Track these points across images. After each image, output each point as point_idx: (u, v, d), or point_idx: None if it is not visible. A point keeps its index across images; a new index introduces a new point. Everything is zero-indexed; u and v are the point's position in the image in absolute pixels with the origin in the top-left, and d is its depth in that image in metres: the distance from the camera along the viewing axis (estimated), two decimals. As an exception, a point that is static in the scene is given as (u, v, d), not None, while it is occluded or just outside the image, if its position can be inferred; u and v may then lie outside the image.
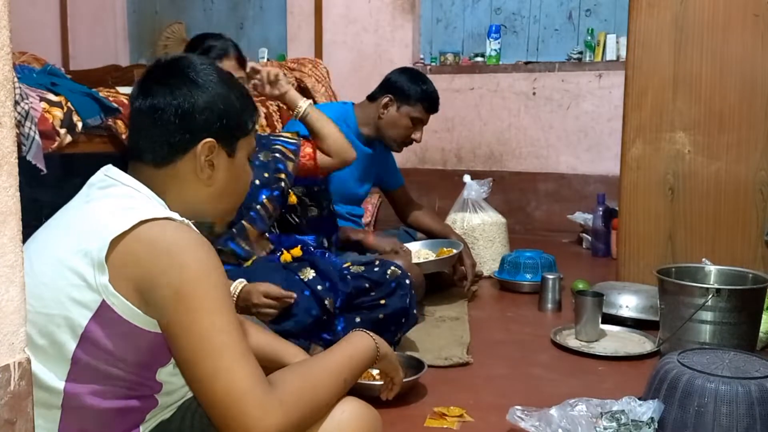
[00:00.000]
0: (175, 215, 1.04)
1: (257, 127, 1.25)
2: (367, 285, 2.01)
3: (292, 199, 2.25)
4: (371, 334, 1.23)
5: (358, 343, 1.19)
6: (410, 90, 2.71)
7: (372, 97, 2.77)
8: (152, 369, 1.04)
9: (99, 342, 0.98)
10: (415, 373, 1.88)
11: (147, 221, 0.99)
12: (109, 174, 1.10)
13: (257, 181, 2.10)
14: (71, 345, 0.99)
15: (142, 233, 0.98)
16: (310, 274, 1.94)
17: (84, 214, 1.06)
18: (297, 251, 2.04)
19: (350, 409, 1.08)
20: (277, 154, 2.19)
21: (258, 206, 2.11)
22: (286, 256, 2.04)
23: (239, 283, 1.87)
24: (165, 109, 1.09)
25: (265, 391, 0.96)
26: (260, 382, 0.96)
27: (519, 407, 1.61)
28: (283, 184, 2.17)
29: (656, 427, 1.50)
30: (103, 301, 0.97)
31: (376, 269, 2.06)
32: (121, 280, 0.97)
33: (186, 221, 1.04)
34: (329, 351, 1.15)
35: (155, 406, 1.07)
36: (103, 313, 0.97)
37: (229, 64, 2.10)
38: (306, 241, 2.14)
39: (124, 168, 1.13)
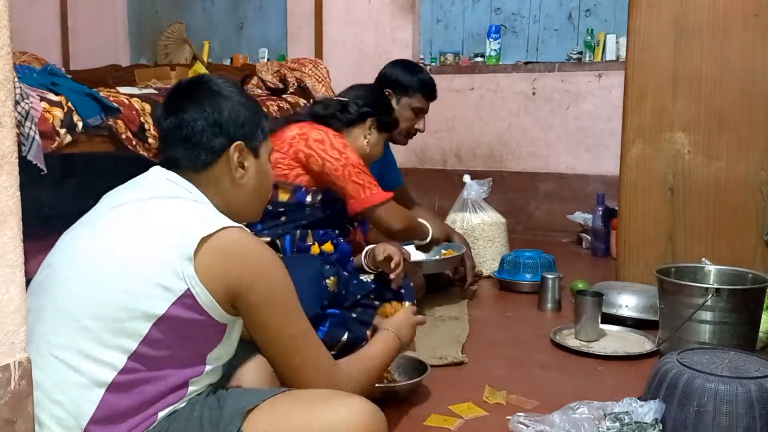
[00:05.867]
0: (242, 226, 1.22)
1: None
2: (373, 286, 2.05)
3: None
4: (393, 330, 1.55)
5: (395, 345, 1.54)
6: (407, 81, 2.71)
7: None
8: (204, 353, 1.18)
9: (173, 323, 1.11)
10: (418, 376, 1.87)
11: (227, 228, 1.17)
12: (170, 179, 1.26)
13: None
14: (144, 328, 1.10)
15: (225, 237, 1.17)
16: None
17: (162, 212, 1.20)
18: (329, 246, 2.04)
19: (358, 408, 1.16)
20: None
21: None
22: (315, 249, 2.04)
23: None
24: (198, 119, 1.27)
25: (340, 369, 1.31)
26: (335, 364, 1.30)
27: (521, 414, 1.61)
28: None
29: (661, 428, 1.49)
30: (188, 289, 1.12)
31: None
32: (206, 274, 1.13)
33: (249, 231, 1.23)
34: (381, 348, 1.49)
35: (186, 394, 1.17)
36: (184, 301, 1.11)
37: None
38: (340, 239, 2.13)
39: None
